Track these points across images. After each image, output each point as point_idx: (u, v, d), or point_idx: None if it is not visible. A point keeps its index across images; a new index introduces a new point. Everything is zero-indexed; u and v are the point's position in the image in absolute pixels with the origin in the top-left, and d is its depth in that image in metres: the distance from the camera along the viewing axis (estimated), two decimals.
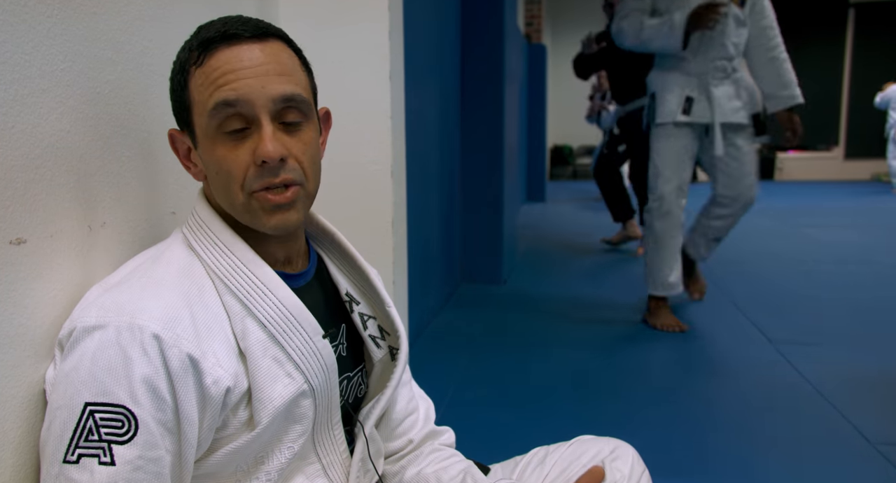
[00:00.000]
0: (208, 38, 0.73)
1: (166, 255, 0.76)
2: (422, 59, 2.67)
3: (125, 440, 0.64)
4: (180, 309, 0.69)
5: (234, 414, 0.72)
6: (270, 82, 0.72)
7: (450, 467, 0.92)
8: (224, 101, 0.71)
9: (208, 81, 0.72)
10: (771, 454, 1.73)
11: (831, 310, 3.10)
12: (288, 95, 0.73)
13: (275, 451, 0.76)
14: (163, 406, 0.65)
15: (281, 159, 0.72)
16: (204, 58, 0.72)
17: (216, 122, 0.72)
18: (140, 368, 0.64)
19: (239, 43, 0.72)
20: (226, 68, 0.71)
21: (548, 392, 2.17)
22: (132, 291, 0.69)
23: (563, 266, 4.30)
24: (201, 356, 0.68)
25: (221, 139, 0.73)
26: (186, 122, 0.77)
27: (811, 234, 5.32)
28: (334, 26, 1.48)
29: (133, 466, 0.64)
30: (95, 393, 0.64)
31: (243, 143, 0.73)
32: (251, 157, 0.72)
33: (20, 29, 0.70)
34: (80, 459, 0.63)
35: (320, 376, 0.77)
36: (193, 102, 0.74)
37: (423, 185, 2.76)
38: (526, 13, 8.53)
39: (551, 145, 11.21)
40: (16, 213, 0.69)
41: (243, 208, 0.75)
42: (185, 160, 0.81)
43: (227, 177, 0.73)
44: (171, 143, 0.81)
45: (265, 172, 0.73)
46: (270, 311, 0.74)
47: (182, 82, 0.75)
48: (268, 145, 0.71)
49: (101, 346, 0.65)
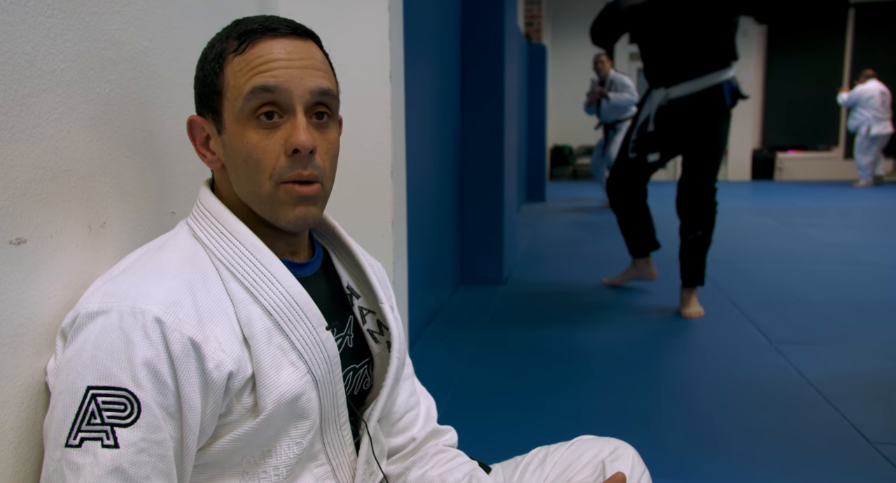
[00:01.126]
0: (250, 30, 0.75)
1: (170, 244, 0.76)
2: (422, 59, 2.67)
3: (128, 423, 0.64)
4: (183, 294, 0.69)
5: (239, 400, 0.72)
6: (309, 75, 0.74)
7: (455, 470, 0.92)
8: (263, 85, 0.72)
9: (248, 67, 0.73)
10: (771, 454, 1.73)
11: (831, 310, 3.10)
12: (325, 89, 0.75)
13: (282, 446, 0.76)
14: (164, 390, 0.65)
15: (311, 151, 0.74)
16: (246, 46, 0.74)
17: (251, 107, 0.73)
18: (142, 352, 0.64)
19: (280, 36, 0.75)
20: (268, 57, 0.73)
21: (548, 392, 2.17)
22: (135, 278, 0.69)
23: (564, 266, 4.30)
24: (203, 341, 0.68)
25: (254, 125, 0.74)
26: (213, 108, 0.77)
27: (811, 234, 5.32)
28: (334, 26, 1.48)
29: (137, 449, 0.64)
30: (97, 376, 0.64)
31: (275, 133, 0.74)
32: (282, 146, 0.74)
33: (20, 29, 0.70)
34: (82, 443, 0.63)
35: (323, 367, 0.77)
36: (227, 86, 0.75)
37: (423, 185, 2.76)
38: (526, 13, 8.53)
39: (551, 145, 11.22)
40: (16, 213, 0.69)
41: (268, 198, 0.75)
42: (203, 147, 0.81)
43: (257, 165, 0.74)
44: (189, 130, 0.81)
45: (296, 163, 0.74)
46: (276, 299, 0.75)
47: (216, 69, 0.76)
48: (301, 134, 0.73)
49: (104, 331, 0.65)
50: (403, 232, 1.66)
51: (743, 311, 3.08)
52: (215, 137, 0.78)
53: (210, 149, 0.80)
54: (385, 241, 1.55)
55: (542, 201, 8.03)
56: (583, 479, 0.93)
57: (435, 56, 2.97)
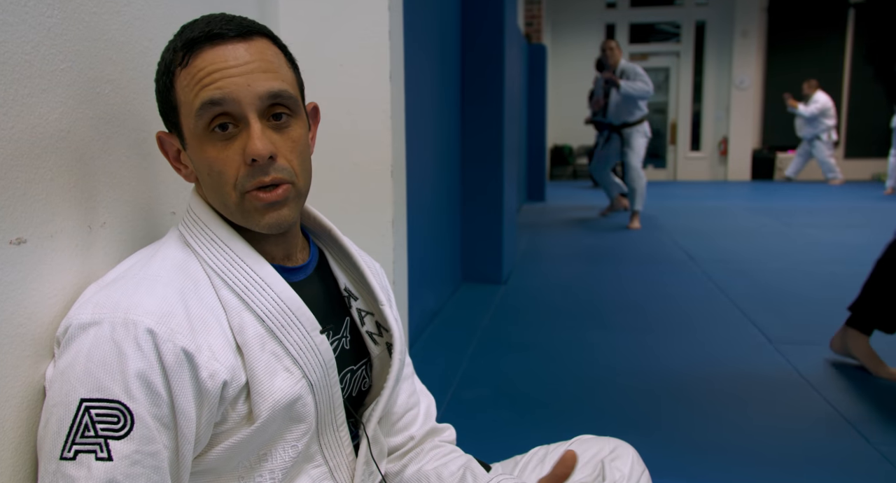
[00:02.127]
0: (192, 39, 0.72)
1: (161, 252, 0.76)
2: (422, 59, 2.67)
3: (121, 435, 0.64)
4: (175, 304, 0.69)
5: (233, 408, 0.72)
6: (256, 80, 0.72)
7: (450, 463, 0.92)
8: (210, 100, 0.71)
9: (193, 82, 0.72)
10: (771, 454, 1.73)
11: (831, 310, 3.09)
12: (275, 92, 0.73)
13: (277, 449, 0.76)
14: (158, 401, 0.65)
15: (270, 157, 0.72)
16: (189, 58, 0.72)
17: (203, 122, 0.72)
18: (134, 363, 0.64)
19: (223, 42, 0.72)
20: (211, 68, 0.71)
21: (548, 391, 2.17)
22: (126, 288, 0.69)
23: (564, 266, 4.30)
24: (196, 350, 0.68)
25: (210, 139, 0.73)
26: (174, 123, 0.76)
27: (811, 234, 5.32)
28: (334, 26, 1.48)
29: (130, 461, 0.64)
30: (90, 389, 0.64)
31: (232, 143, 0.73)
32: (241, 156, 0.72)
33: (20, 29, 0.70)
34: (76, 456, 0.63)
35: (318, 372, 0.77)
36: (180, 103, 0.74)
37: (422, 185, 2.76)
38: (526, 13, 8.53)
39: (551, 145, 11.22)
40: (16, 212, 0.69)
41: (237, 208, 0.75)
42: (176, 162, 0.80)
43: (219, 177, 0.73)
44: (160, 145, 0.80)
45: (255, 171, 0.72)
46: (268, 306, 0.74)
47: (167, 83, 0.75)
48: (256, 143, 0.71)
49: (96, 343, 0.65)
50: (403, 232, 1.66)
51: (743, 310, 3.08)
52: (183, 151, 0.78)
53: (182, 162, 0.79)
54: (385, 241, 1.55)
55: (542, 201, 8.03)
56: (582, 479, 0.93)
57: (435, 56, 2.97)
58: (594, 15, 11.52)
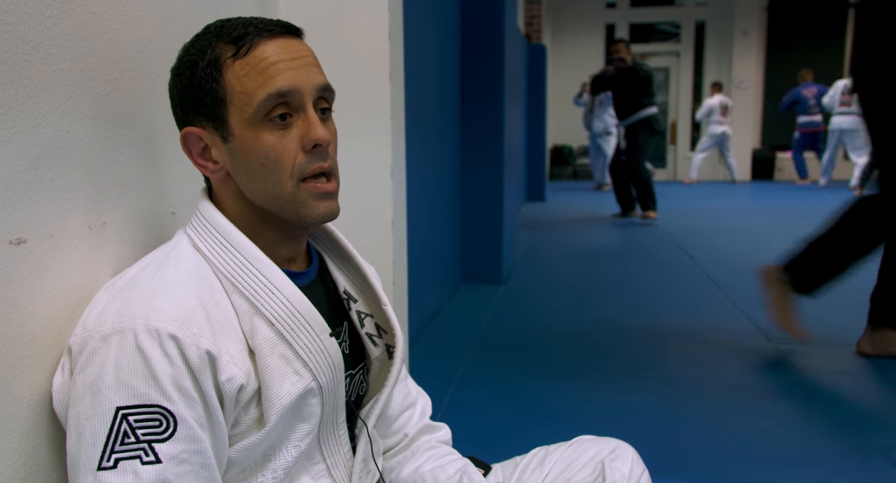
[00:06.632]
0: (245, 33, 0.74)
1: (173, 256, 0.75)
2: (422, 59, 2.67)
3: (165, 437, 0.64)
4: (195, 308, 0.69)
5: (246, 412, 0.72)
6: (313, 73, 0.75)
7: (447, 466, 0.92)
8: (278, 91, 0.72)
9: (256, 71, 0.73)
10: (771, 454, 1.73)
11: (831, 310, 3.10)
12: (325, 85, 0.77)
13: (282, 450, 0.76)
14: (192, 403, 0.66)
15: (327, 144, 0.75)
16: (247, 49, 0.73)
17: (264, 111, 0.73)
18: (163, 369, 0.65)
19: (276, 36, 0.75)
20: (274, 58, 0.73)
21: (548, 392, 2.17)
22: (144, 295, 0.69)
23: (564, 266, 4.30)
24: (218, 353, 0.68)
25: (268, 127, 0.73)
26: (214, 116, 0.75)
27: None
28: (334, 26, 1.48)
29: (178, 460, 0.64)
30: (126, 396, 0.64)
31: (289, 132, 0.74)
32: (297, 144, 0.74)
33: (20, 29, 0.70)
34: (117, 464, 0.63)
35: (328, 374, 0.77)
36: (233, 93, 0.73)
37: (422, 185, 2.76)
38: (526, 13, 8.53)
39: (551, 145, 11.22)
40: (16, 212, 0.69)
41: (290, 197, 0.75)
42: (201, 159, 0.78)
43: (276, 166, 0.74)
44: (184, 143, 0.78)
45: (315, 157, 0.75)
46: (278, 310, 0.74)
47: (214, 75, 0.74)
48: (319, 129, 0.74)
49: (121, 352, 0.65)
50: (403, 232, 1.66)
51: (743, 310, 3.08)
52: (218, 146, 0.76)
53: (211, 159, 0.78)
54: (385, 241, 1.55)
55: (542, 201, 8.03)
56: (582, 479, 0.93)
57: (435, 56, 2.97)
58: (594, 15, 11.53)
